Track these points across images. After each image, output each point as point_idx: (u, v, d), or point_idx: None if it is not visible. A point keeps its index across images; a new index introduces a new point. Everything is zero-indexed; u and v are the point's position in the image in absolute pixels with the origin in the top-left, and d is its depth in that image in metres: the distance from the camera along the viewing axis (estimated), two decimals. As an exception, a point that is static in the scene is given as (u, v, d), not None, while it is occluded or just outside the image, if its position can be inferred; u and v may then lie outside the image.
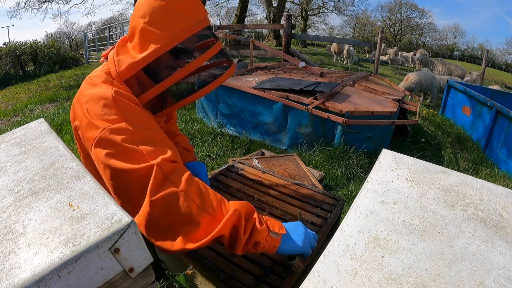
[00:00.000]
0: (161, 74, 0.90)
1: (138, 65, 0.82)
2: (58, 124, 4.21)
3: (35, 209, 0.59)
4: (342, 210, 1.19)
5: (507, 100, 5.20)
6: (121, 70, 0.82)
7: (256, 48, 6.76)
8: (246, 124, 3.54)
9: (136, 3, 0.86)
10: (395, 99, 3.50)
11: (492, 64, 29.55)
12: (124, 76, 0.83)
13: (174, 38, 0.81)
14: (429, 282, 0.53)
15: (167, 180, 0.71)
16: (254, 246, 0.76)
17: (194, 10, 0.84)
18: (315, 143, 3.14)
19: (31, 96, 5.95)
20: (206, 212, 0.72)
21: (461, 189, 0.77)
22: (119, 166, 0.70)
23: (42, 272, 0.46)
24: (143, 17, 0.81)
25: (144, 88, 0.89)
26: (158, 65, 0.88)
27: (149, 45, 0.81)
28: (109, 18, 28.13)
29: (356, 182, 2.81)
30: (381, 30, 6.47)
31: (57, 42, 11.84)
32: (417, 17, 35.84)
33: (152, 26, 0.80)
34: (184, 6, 0.82)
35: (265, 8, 18.63)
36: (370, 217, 0.68)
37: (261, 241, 0.75)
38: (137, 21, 0.83)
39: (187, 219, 0.70)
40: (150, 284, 0.63)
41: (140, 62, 0.81)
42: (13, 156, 0.78)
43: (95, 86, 0.81)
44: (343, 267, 0.56)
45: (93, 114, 0.76)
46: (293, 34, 7.15)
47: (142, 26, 0.81)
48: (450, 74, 8.13)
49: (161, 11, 0.80)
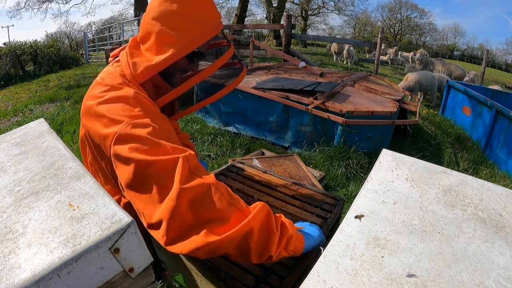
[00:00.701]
0: (175, 77, 0.90)
1: (156, 68, 0.80)
2: (58, 124, 4.21)
3: (35, 209, 0.59)
4: (342, 210, 1.19)
5: (507, 100, 5.20)
6: (137, 73, 0.80)
7: (256, 48, 6.76)
8: (249, 122, 3.55)
9: (149, 5, 0.84)
10: (395, 99, 3.50)
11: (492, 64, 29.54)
12: (141, 79, 0.81)
13: (193, 42, 0.80)
14: (429, 282, 0.53)
15: (194, 173, 0.67)
16: (287, 243, 0.72)
17: (210, 14, 0.84)
18: (315, 142, 3.15)
19: (31, 96, 5.95)
20: (236, 207, 0.67)
21: (461, 189, 0.77)
22: (144, 158, 0.66)
23: (42, 272, 0.46)
24: (158, 20, 0.80)
25: (159, 91, 0.88)
26: (174, 68, 0.87)
27: (166, 48, 0.80)
28: (109, 18, 28.15)
29: (356, 182, 2.81)
30: (381, 30, 6.47)
31: (57, 42, 11.83)
32: (417, 17, 35.86)
33: (170, 29, 0.79)
34: (201, 10, 0.82)
35: (265, 8, 18.63)
36: (370, 217, 0.68)
37: (293, 235, 0.72)
38: (152, 23, 0.81)
39: (218, 213, 0.65)
40: (150, 284, 0.63)
41: (158, 65, 0.80)
42: (13, 156, 0.78)
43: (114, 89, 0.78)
44: (343, 267, 0.56)
45: (113, 111, 0.72)
46: (293, 34, 7.15)
47: (160, 28, 0.79)
48: (450, 74, 8.13)
49: (179, 15, 0.79)
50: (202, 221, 0.64)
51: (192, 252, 0.63)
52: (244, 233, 0.65)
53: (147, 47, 0.83)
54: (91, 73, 7.62)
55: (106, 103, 0.74)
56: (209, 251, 0.64)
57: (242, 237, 0.65)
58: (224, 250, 0.66)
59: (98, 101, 0.75)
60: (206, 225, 0.64)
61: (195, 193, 0.64)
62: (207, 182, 0.66)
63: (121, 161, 0.68)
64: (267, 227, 0.68)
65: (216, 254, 0.67)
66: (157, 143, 0.68)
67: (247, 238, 0.66)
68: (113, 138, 0.69)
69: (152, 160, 0.66)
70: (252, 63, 5.59)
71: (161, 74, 0.88)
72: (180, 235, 0.64)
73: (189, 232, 0.64)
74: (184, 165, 0.66)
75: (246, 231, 0.65)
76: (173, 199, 0.63)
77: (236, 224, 0.65)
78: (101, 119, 0.73)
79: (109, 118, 0.72)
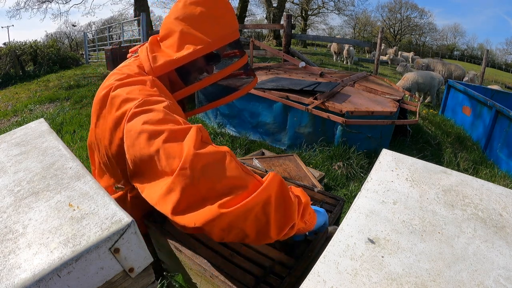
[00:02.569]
0: (192, 77, 0.94)
1: (176, 63, 0.84)
2: (58, 124, 4.22)
3: (35, 209, 0.59)
4: (342, 210, 1.19)
5: (507, 100, 5.21)
6: (156, 65, 0.83)
7: (256, 48, 6.76)
8: (245, 124, 3.55)
9: (174, 6, 0.89)
10: (395, 99, 3.50)
11: (492, 64, 29.55)
12: (159, 71, 0.84)
13: (214, 42, 0.85)
14: (429, 282, 0.53)
15: (207, 143, 0.64)
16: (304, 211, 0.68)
17: (231, 20, 0.90)
18: (314, 143, 3.14)
19: (31, 96, 5.95)
20: (252, 176, 0.63)
21: (461, 189, 0.77)
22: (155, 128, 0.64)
23: (42, 272, 0.46)
24: (182, 20, 0.85)
25: (174, 88, 0.92)
26: (192, 67, 0.92)
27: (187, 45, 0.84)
28: (109, 18, 28.17)
29: (356, 182, 2.81)
30: (381, 30, 6.47)
31: (57, 42, 11.83)
32: (417, 17, 35.87)
33: (193, 29, 0.84)
34: (223, 15, 0.87)
35: (265, 8, 18.64)
36: (370, 217, 0.68)
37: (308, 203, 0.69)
38: (174, 23, 0.86)
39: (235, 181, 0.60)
40: (150, 284, 0.63)
41: (179, 60, 0.83)
42: (13, 156, 0.78)
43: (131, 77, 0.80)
44: (343, 267, 0.56)
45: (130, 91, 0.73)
46: (293, 34, 7.15)
47: (182, 28, 0.84)
48: (450, 74, 8.14)
49: (203, 17, 0.84)
50: (217, 190, 0.59)
51: (206, 224, 0.57)
52: (262, 201, 0.58)
53: (168, 44, 0.87)
54: (91, 73, 7.62)
55: (123, 86, 0.76)
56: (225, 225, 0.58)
57: (260, 208, 0.59)
58: (241, 224, 0.59)
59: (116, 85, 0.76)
60: (221, 195, 0.59)
61: (210, 160, 0.60)
62: (222, 150, 0.63)
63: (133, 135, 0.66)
64: (283, 194, 0.62)
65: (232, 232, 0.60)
66: (170, 115, 0.68)
67: (265, 207, 0.59)
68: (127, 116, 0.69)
69: (163, 128, 0.63)
70: (252, 63, 5.60)
71: (178, 72, 0.92)
72: (192, 205, 0.59)
73: (203, 202, 0.59)
74: (197, 133, 0.63)
75: (264, 199, 0.59)
76: (186, 165, 0.58)
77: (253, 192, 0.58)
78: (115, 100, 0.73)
79: (124, 98, 0.72)
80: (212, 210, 0.57)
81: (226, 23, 0.88)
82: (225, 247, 0.86)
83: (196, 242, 0.87)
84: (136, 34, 9.94)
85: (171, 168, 0.61)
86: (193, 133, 0.63)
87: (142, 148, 0.64)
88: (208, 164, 0.59)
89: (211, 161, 0.60)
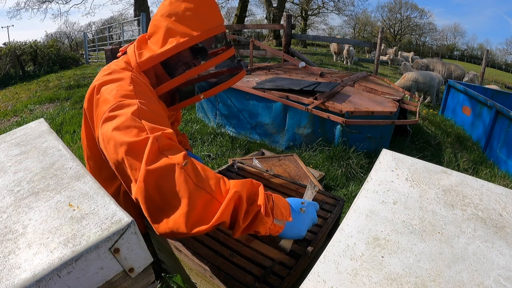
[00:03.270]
0: (177, 70, 0.96)
1: (160, 57, 0.87)
2: (58, 124, 4.22)
3: (35, 209, 0.59)
4: (342, 210, 1.19)
5: (507, 100, 5.21)
6: (141, 60, 0.87)
7: (256, 48, 6.77)
8: (245, 124, 3.54)
9: (161, 4, 0.92)
10: (395, 99, 3.50)
11: (492, 64, 29.54)
12: (144, 66, 0.88)
13: (198, 36, 0.87)
14: (429, 282, 0.53)
15: (163, 154, 0.66)
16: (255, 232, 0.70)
17: (215, 15, 0.92)
18: (314, 143, 3.14)
19: (31, 96, 5.95)
20: (204, 190, 0.64)
21: (461, 189, 0.77)
22: (120, 139, 0.67)
23: (42, 272, 0.46)
24: (168, 16, 0.88)
25: (160, 82, 0.94)
26: (177, 60, 0.94)
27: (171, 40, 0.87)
28: (109, 18, 28.18)
29: (356, 182, 2.81)
30: (381, 30, 6.47)
31: (57, 42, 11.82)
32: (417, 17, 35.86)
33: (177, 24, 0.87)
34: (207, 11, 0.90)
35: (265, 8, 18.64)
36: (370, 217, 0.68)
37: (262, 231, 0.69)
38: (161, 20, 0.89)
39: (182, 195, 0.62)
40: (150, 284, 0.63)
41: (162, 54, 0.86)
42: (13, 156, 0.78)
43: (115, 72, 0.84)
44: (343, 267, 0.56)
45: (108, 91, 0.77)
46: (293, 34, 7.15)
47: (167, 23, 0.87)
48: (450, 74, 8.14)
49: (187, 12, 0.87)
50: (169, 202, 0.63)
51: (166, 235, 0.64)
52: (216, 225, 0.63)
53: (154, 41, 0.90)
54: (91, 73, 7.62)
55: (105, 84, 0.80)
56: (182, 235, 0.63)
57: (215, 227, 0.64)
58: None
59: (99, 83, 0.81)
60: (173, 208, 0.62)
61: (160, 174, 0.63)
62: (171, 163, 0.63)
63: (105, 140, 0.71)
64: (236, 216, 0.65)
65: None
66: (137, 122, 0.70)
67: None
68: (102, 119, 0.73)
69: (125, 141, 0.67)
70: (252, 63, 5.59)
71: (165, 65, 0.95)
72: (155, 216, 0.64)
73: (161, 215, 0.63)
74: (152, 145, 0.65)
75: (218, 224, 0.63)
76: (141, 180, 0.63)
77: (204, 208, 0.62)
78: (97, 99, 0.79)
79: (103, 98, 0.77)
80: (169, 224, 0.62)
81: (211, 18, 0.90)
82: (225, 247, 0.86)
83: (196, 242, 0.87)
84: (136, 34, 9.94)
85: (134, 178, 0.66)
86: (148, 146, 0.65)
87: (112, 154, 0.70)
88: (159, 180, 0.63)
89: (161, 175, 0.63)
